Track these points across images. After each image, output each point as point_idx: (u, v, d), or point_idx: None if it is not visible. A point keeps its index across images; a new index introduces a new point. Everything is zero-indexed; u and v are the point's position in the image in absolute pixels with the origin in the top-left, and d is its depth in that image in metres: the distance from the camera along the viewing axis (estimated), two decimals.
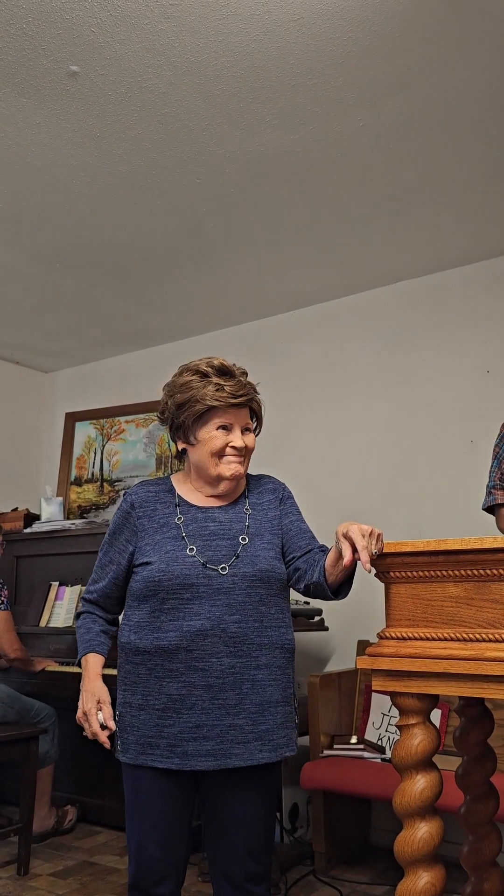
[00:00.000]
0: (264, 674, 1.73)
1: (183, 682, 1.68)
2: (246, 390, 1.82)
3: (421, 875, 1.44)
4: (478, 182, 2.92)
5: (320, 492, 3.73)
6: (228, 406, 1.78)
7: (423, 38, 2.18)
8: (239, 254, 3.49)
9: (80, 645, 1.85)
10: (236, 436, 1.81)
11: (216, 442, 1.79)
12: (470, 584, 1.44)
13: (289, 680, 1.81)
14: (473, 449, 3.47)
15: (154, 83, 2.35)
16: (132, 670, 1.75)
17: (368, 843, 3.39)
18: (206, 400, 1.77)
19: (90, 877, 3.04)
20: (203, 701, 1.67)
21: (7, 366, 4.95)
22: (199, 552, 1.75)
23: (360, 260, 3.57)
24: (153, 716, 1.70)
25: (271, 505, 1.89)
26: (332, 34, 2.16)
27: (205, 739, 1.66)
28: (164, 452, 4.50)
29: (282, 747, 1.74)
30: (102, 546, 1.89)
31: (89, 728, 1.75)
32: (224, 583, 1.72)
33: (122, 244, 3.39)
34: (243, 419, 1.83)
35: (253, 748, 1.68)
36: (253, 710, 1.70)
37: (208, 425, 1.80)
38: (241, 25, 2.12)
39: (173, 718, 1.68)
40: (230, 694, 1.68)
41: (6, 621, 3.41)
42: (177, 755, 1.67)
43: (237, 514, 1.84)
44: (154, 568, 1.74)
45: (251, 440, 1.86)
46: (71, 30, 2.13)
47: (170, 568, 1.72)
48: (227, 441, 1.80)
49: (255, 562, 1.76)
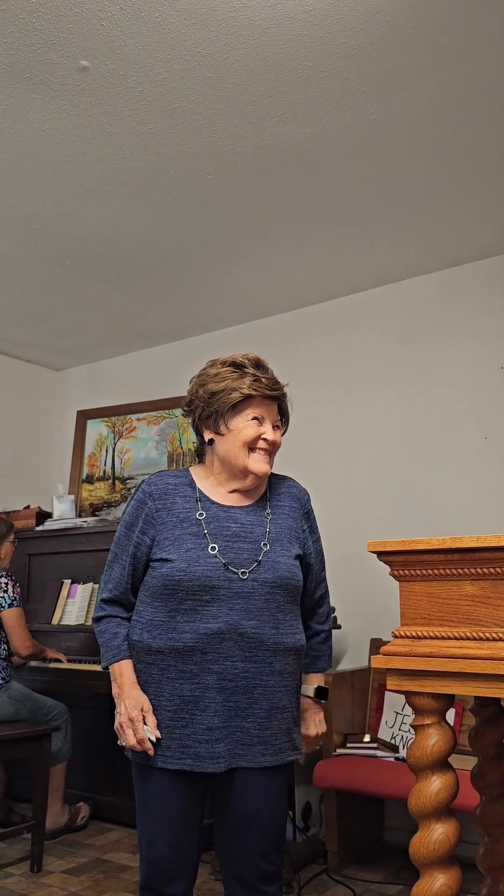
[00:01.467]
0: (276, 679, 1.72)
1: (197, 684, 1.67)
2: (280, 385, 1.84)
3: (437, 877, 1.42)
4: (492, 176, 2.89)
5: (334, 490, 3.72)
6: (264, 397, 1.80)
7: (436, 30, 2.15)
8: (250, 250, 3.47)
9: (107, 652, 1.76)
10: (268, 428, 1.81)
11: (249, 431, 1.78)
12: (486, 583, 1.42)
13: (297, 684, 1.82)
14: (487, 446, 3.44)
15: (164, 77, 2.33)
16: (143, 670, 1.73)
17: (381, 842, 3.37)
18: (244, 389, 1.78)
19: (103, 874, 3.04)
20: (216, 703, 1.66)
21: (19, 364, 4.96)
22: (220, 553, 1.72)
23: (372, 255, 3.54)
24: (165, 717, 1.68)
25: (293, 512, 1.87)
26: (343, 26, 2.13)
27: (216, 742, 1.65)
28: (176, 450, 4.49)
29: (284, 752, 1.73)
30: (117, 539, 1.82)
31: (134, 736, 1.66)
32: (244, 587, 1.70)
33: (133, 240, 3.38)
34: (274, 414, 1.84)
35: (256, 752, 1.68)
36: (261, 715, 1.69)
37: (242, 415, 1.79)
38: (251, 18, 2.10)
39: (186, 720, 1.67)
40: (241, 697, 1.67)
41: (18, 618, 3.41)
42: (189, 756, 1.65)
43: (258, 516, 1.81)
44: (174, 567, 1.70)
45: (279, 436, 1.86)
46: (81, 24, 2.12)
47: (191, 568, 1.69)
48: (259, 432, 1.79)
49: (276, 568, 1.74)
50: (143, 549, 1.77)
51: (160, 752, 1.67)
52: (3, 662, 3.40)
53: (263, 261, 3.58)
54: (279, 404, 1.86)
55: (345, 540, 3.23)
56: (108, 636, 1.77)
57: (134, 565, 1.78)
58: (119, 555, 1.80)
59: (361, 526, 3.63)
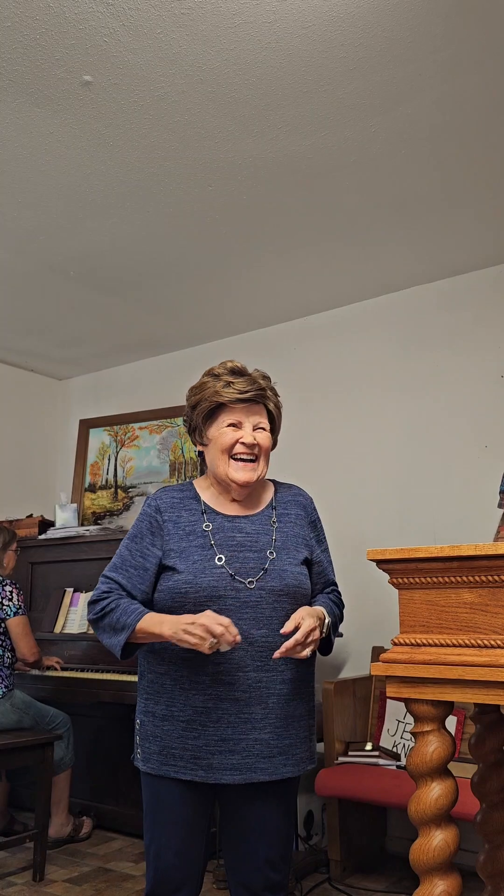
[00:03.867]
0: (289, 688, 1.72)
1: (209, 695, 1.66)
2: (255, 387, 1.78)
3: (436, 883, 1.43)
4: (491, 187, 2.91)
5: (335, 497, 3.73)
6: (236, 402, 1.76)
7: (433, 44, 2.18)
8: (252, 260, 3.50)
9: (125, 616, 1.66)
10: (246, 432, 1.77)
11: (225, 438, 1.76)
12: (485, 590, 1.43)
13: (311, 693, 1.81)
14: (487, 454, 3.45)
15: (166, 92, 2.36)
16: (156, 680, 1.73)
17: (384, 850, 3.36)
18: (214, 397, 1.77)
19: (105, 883, 3.04)
20: (229, 714, 1.66)
21: (22, 373, 4.98)
22: (227, 563, 1.71)
23: (373, 265, 3.57)
24: (177, 727, 1.67)
25: (299, 520, 1.86)
26: (342, 41, 2.16)
27: (231, 753, 1.65)
28: (178, 459, 4.51)
29: (304, 761, 1.74)
30: (120, 551, 1.78)
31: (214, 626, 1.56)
32: (251, 596, 1.69)
33: (135, 252, 3.41)
34: (255, 417, 1.79)
35: (278, 762, 1.68)
36: (278, 725, 1.69)
37: (217, 422, 1.78)
38: (252, 34, 2.13)
39: (198, 731, 1.66)
40: (256, 708, 1.67)
41: (24, 626, 3.43)
42: (202, 768, 1.65)
43: (264, 525, 1.80)
44: (181, 579, 1.69)
45: (264, 438, 1.79)
46: (84, 40, 2.15)
47: (197, 580, 1.68)
48: (236, 438, 1.76)
49: (282, 576, 1.73)
50: (153, 559, 1.74)
51: (172, 761, 1.67)
52: (6, 671, 3.41)
53: (264, 271, 3.61)
54: (265, 406, 1.81)
55: (346, 548, 3.23)
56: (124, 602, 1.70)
57: (140, 576, 1.74)
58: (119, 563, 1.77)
59: (362, 534, 3.64)
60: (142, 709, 1.77)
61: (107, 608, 1.71)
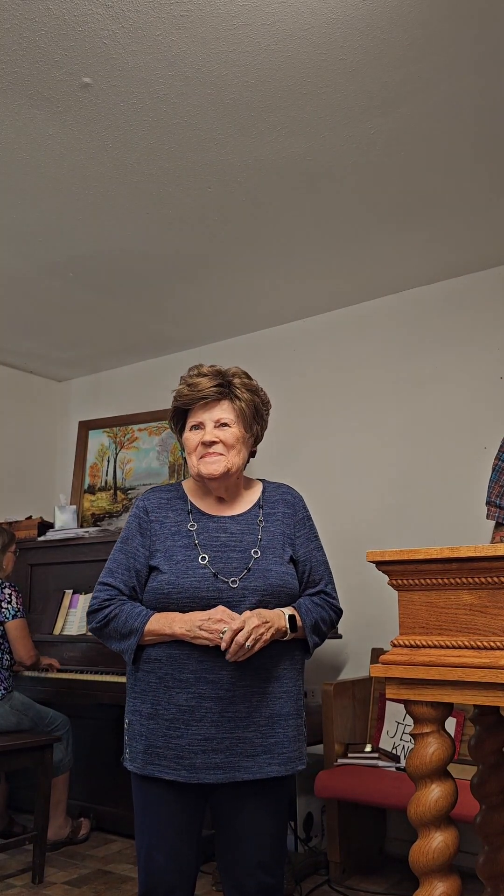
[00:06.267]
0: (275, 686, 1.71)
1: (193, 693, 1.66)
2: (213, 384, 1.78)
3: (436, 885, 1.43)
4: (489, 189, 2.92)
5: (333, 500, 3.73)
6: (192, 403, 1.81)
7: (432, 46, 2.18)
8: (250, 262, 3.50)
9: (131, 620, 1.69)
10: (207, 431, 1.79)
11: (190, 442, 1.82)
12: (484, 592, 1.43)
13: (299, 692, 1.80)
14: (486, 455, 3.45)
15: (165, 94, 2.36)
16: (142, 678, 1.73)
17: (384, 852, 3.36)
18: (175, 402, 1.84)
19: (104, 885, 3.04)
20: (213, 713, 1.65)
21: (21, 375, 4.99)
22: (210, 563, 1.72)
23: (371, 267, 3.57)
24: (162, 725, 1.67)
25: (285, 518, 1.85)
26: (341, 43, 2.17)
27: (214, 752, 1.64)
28: (177, 460, 4.51)
29: (293, 761, 1.72)
30: (114, 555, 1.82)
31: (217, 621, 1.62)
32: (234, 595, 1.69)
33: (134, 254, 3.41)
34: (216, 413, 1.80)
35: (262, 761, 1.67)
36: (263, 723, 1.68)
37: (185, 428, 1.85)
38: (251, 36, 2.14)
39: (181, 730, 1.65)
40: (240, 706, 1.66)
41: (23, 628, 3.43)
42: (184, 767, 1.64)
43: (249, 525, 1.81)
44: (164, 579, 1.71)
45: (226, 434, 1.79)
46: (83, 42, 2.15)
47: (179, 581, 1.70)
48: (197, 440, 1.80)
49: (266, 576, 1.73)
50: (142, 559, 1.77)
51: (157, 760, 1.67)
52: (5, 673, 3.41)
53: (264, 273, 3.61)
54: (231, 401, 1.80)
55: (345, 549, 3.23)
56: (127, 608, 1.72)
57: (130, 576, 1.77)
58: (112, 566, 1.80)
59: (361, 535, 3.64)
60: (130, 708, 1.77)
61: (110, 615, 1.73)
